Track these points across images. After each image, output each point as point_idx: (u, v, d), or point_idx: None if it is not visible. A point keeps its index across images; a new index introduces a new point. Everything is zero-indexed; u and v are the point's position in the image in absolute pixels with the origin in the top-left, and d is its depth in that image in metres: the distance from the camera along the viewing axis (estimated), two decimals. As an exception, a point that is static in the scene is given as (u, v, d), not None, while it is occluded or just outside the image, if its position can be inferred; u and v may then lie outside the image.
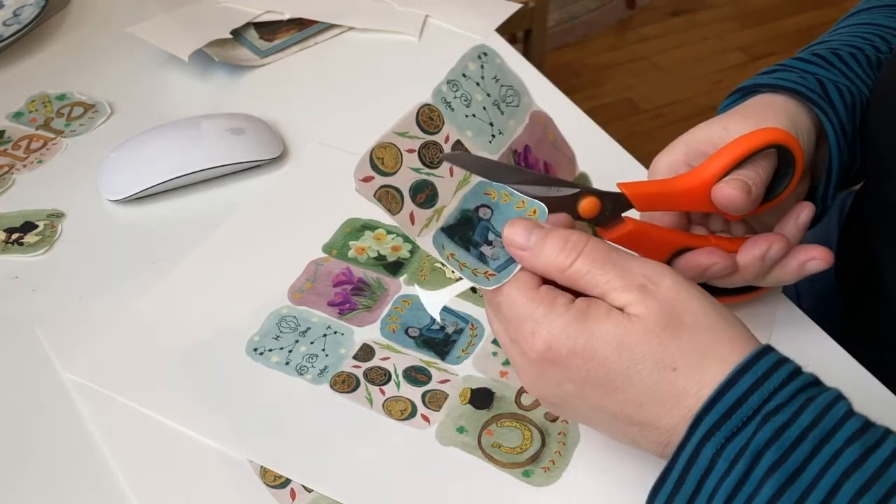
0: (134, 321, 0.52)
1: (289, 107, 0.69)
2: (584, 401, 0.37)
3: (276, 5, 0.80)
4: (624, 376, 0.35)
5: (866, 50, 0.51)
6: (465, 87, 0.42)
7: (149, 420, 0.46)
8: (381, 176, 0.39)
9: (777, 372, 0.34)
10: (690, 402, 0.34)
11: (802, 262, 0.46)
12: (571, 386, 0.36)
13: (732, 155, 0.43)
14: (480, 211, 0.40)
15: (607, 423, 0.38)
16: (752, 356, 0.34)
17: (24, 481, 0.44)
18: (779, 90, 0.47)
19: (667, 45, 2.19)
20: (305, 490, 0.43)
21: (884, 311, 0.54)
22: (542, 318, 0.36)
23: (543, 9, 1.36)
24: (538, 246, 0.37)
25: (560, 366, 0.36)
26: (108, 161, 0.61)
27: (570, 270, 0.36)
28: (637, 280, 0.36)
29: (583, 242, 0.37)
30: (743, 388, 0.33)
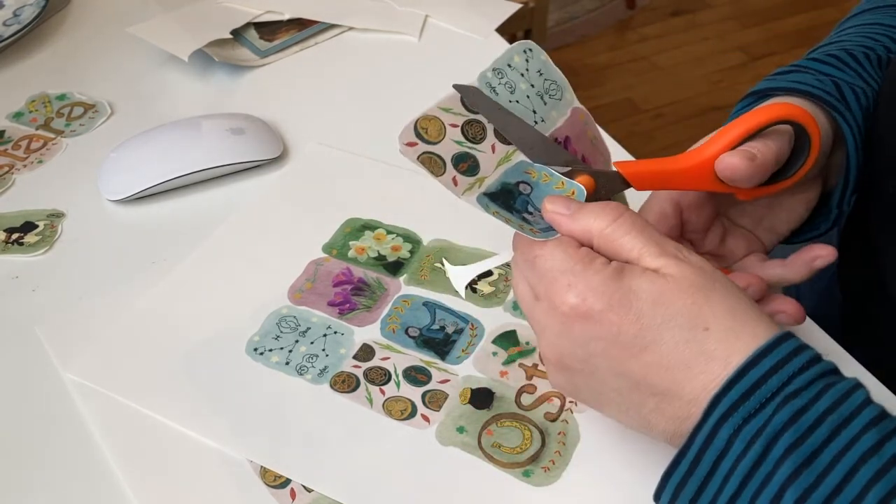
0: (134, 321, 0.52)
1: (289, 107, 0.69)
2: (609, 362, 0.36)
3: (276, 5, 0.80)
4: (655, 333, 0.35)
5: (878, 50, 0.51)
6: (509, 76, 0.43)
7: (149, 420, 0.46)
8: (425, 143, 0.40)
9: (797, 357, 0.34)
10: (717, 368, 0.34)
11: (808, 261, 0.46)
12: (599, 344, 0.36)
13: (739, 130, 0.41)
14: (520, 186, 0.41)
15: (625, 395, 0.37)
16: (774, 339, 0.34)
17: (24, 481, 0.44)
18: (794, 94, 0.46)
19: (667, 45, 2.19)
20: (305, 490, 0.43)
21: (884, 310, 0.54)
22: (581, 272, 0.36)
23: (543, 9, 1.36)
24: (577, 211, 0.38)
25: (592, 321, 0.36)
26: (108, 161, 0.61)
27: (607, 231, 0.37)
28: (670, 249, 0.37)
29: (620, 210, 0.37)
30: (763, 369, 0.33)
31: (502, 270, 0.54)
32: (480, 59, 0.79)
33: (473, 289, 0.53)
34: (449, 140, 0.41)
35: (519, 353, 0.49)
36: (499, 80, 0.43)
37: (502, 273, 0.54)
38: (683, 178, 0.43)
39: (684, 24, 2.26)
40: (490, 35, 0.78)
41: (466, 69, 0.74)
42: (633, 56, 2.15)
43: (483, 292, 0.53)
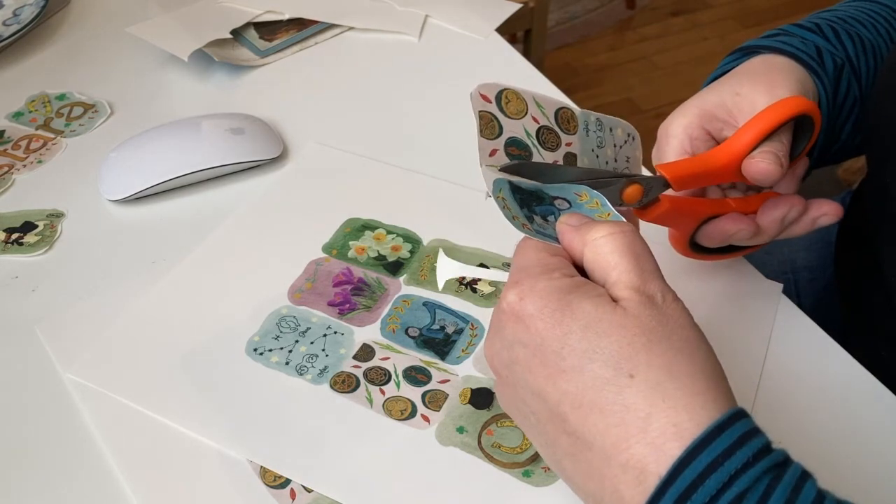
0: (134, 321, 0.52)
1: (289, 107, 0.69)
2: (527, 375, 0.33)
3: (276, 5, 0.80)
4: (577, 360, 0.31)
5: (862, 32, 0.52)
6: (605, 135, 0.42)
7: (149, 420, 0.46)
8: (497, 108, 0.39)
9: (742, 448, 0.29)
10: (633, 424, 0.30)
11: (815, 218, 0.48)
12: (522, 352, 0.33)
13: (763, 127, 0.44)
14: (557, 202, 0.39)
15: (542, 422, 0.33)
16: (716, 425, 0.29)
17: (24, 481, 0.44)
18: (780, 53, 0.49)
19: (667, 45, 2.19)
20: (305, 490, 0.43)
21: (884, 306, 0.54)
22: (535, 275, 0.34)
23: (543, 9, 1.36)
24: (583, 225, 0.35)
25: (521, 324, 0.33)
26: (108, 161, 0.61)
27: (599, 241, 0.34)
28: (651, 286, 0.33)
29: (621, 227, 0.35)
30: (700, 466, 0.28)
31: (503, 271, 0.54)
32: (480, 59, 0.79)
33: (473, 289, 0.53)
34: (520, 125, 0.40)
35: (519, 353, 0.49)
36: (597, 130, 0.42)
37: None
38: (715, 175, 0.46)
39: (684, 24, 2.26)
40: (490, 35, 0.78)
41: (466, 69, 0.74)
42: (633, 56, 2.15)
43: (483, 292, 0.53)
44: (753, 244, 0.49)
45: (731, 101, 0.46)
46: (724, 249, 0.50)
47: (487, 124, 0.39)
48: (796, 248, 0.71)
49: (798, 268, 0.70)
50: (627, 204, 0.42)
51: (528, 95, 0.40)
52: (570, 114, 0.41)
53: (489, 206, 0.57)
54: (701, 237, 0.48)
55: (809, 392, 0.48)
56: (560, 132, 0.41)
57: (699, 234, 0.48)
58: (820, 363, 0.49)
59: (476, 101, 0.39)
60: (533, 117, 0.41)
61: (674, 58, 2.14)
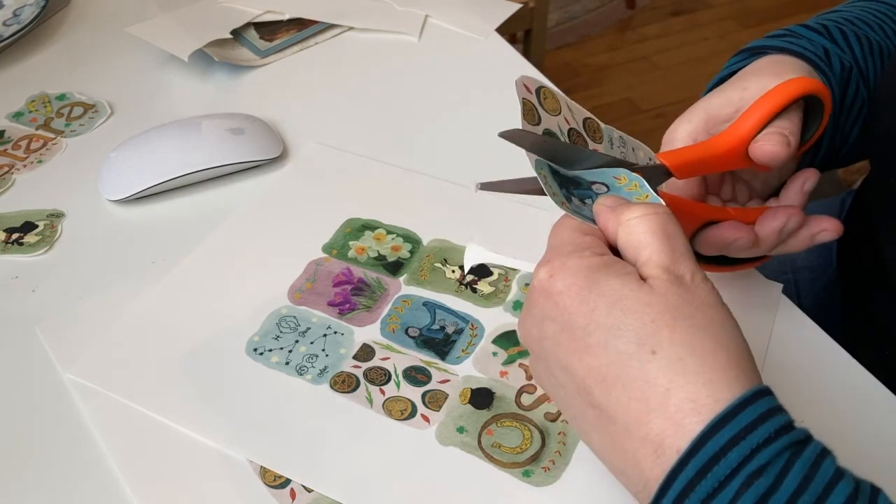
0: (134, 321, 0.52)
1: (289, 107, 0.69)
2: (556, 349, 0.34)
3: (276, 5, 0.80)
4: (603, 336, 0.32)
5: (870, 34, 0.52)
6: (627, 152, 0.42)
7: (149, 420, 0.46)
8: (535, 101, 0.39)
9: (764, 424, 0.29)
10: (653, 398, 0.31)
11: (814, 234, 0.47)
12: (551, 327, 0.34)
13: (767, 108, 0.42)
14: (594, 186, 0.39)
15: (570, 395, 0.34)
16: (740, 401, 0.30)
17: (24, 481, 0.44)
18: (788, 53, 0.48)
19: (667, 45, 2.19)
20: (305, 490, 0.43)
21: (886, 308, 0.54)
22: (565, 252, 0.35)
23: (543, 9, 1.36)
24: (619, 206, 0.36)
25: (550, 300, 0.34)
26: (108, 161, 0.61)
27: (633, 220, 0.35)
28: (681, 267, 0.34)
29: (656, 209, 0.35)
30: (723, 439, 0.29)
31: (502, 271, 0.54)
32: (480, 59, 0.79)
33: (473, 289, 0.53)
34: (555, 121, 0.40)
35: (519, 353, 0.49)
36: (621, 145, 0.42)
37: (502, 273, 0.54)
38: (720, 161, 0.44)
39: (684, 24, 2.26)
40: (490, 35, 0.78)
41: (466, 69, 0.74)
42: (633, 56, 2.15)
43: (483, 292, 0.53)
44: (750, 256, 0.48)
45: (738, 97, 0.46)
46: (719, 261, 0.49)
47: (529, 111, 0.40)
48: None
49: (798, 268, 0.70)
50: None
51: (562, 98, 0.40)
52: (597, 125, 0.41)
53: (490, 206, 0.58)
54: (698, 243, 0.47)
55: (809, 392, 0.47)
56: (587, 138, 0.41)
57: (697, 240, 0.47)
58: (820, 363, 0.49)
59: (520, 88, 0.39)
60: (565, 118, 0.41)
61: (674, 58, 2.14)
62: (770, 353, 0.49)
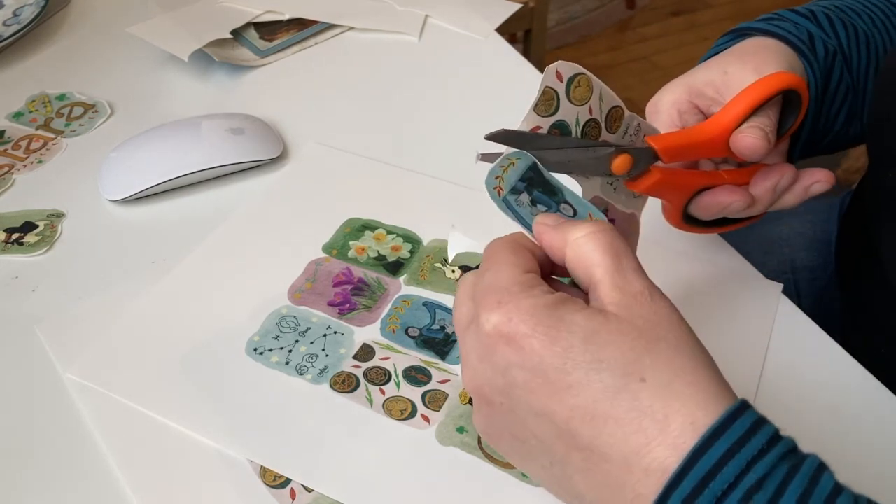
0: (134, 321, 0.52)
1: (289, 107, 0.69)
2: (529, 396, 0.32)
3: (276, 5, 0.80)
4: (583, 373, 0.30)
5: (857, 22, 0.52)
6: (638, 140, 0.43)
7: (149, 420, 0.46)
8: (564, 90, 0.39)
9: (755, 436, 0.29)
10: (652, 428, 0.29)
11: (807, 187, 0.47)
12: (521, 374, 0.32)
13: (749, 101, 0.44)
14: (563, 206, 0.39)
15: (548, 444, 0.32)
16: (728, 414, 0.29)
17: (24, 481, 0.44)
18: (773, 35, 0.50)
19: (667, 45, 2.19)
20: (305, 490, 0.43)
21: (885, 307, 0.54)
22: (516, 293, 0.32)
23: (543, 9, 1.36)
24: (561, 224, 0.35)
25: (515, 345, 0.31)
26: (108, 161, 0.61)
27: (580, 239, 0.34)
28: (636, 285, 0.33)
29: (601, 226, 0.34)
30: (717, 454, 0.28)
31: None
32: (480, 59, 0.79)
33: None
34: (576, 112, 0.39)
35: (519, 353, 0.49)
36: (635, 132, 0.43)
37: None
38: (704, 148, 0.46)
39: (684, 24, 2.26)
40: (490, 35, 0.78)
41: (466, 69, 0.74)
42: (633, 56, 2.15)
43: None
44: (748, 216, 0.49)
45: (720, 80, 0.47)
46: (718, 222, 0.50)
47: (548, 101, 0.39)
48: (796, 248, 0.71)
49: (798, 268, 0.70)
50: (617, 174, 0.42)
51: (598, 86, 0.40)
52: (620, 113, 0.42)
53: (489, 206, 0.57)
54: (695, 209, 0.48)
55: (809, 392, 0.47)
56: (604, 128, 0.41)
57: (693, 206, 0.48)
58: (820, 363, 0.49)
59: (550, 76, 0.39)
60: (590, 108, 0.41)
61: (674, 58, 2.14)
62: (770, 353, 0.49)
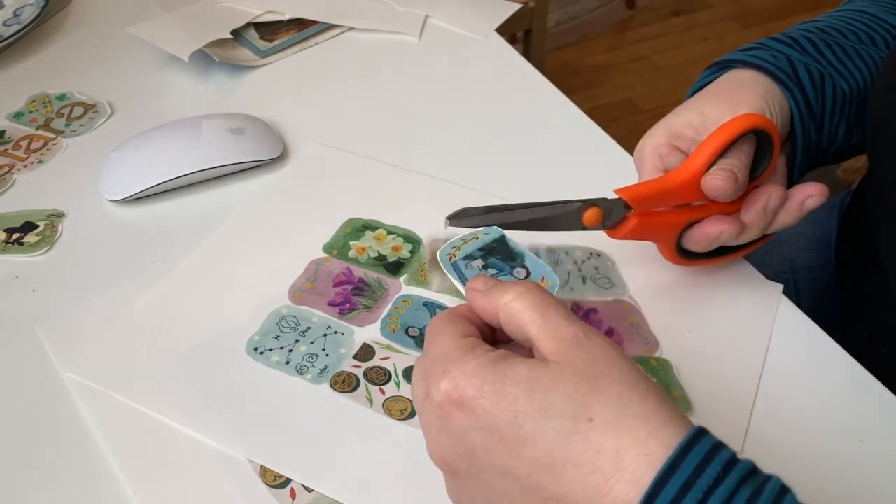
0: (134, 321, 0.52)
1: (289, 107, 0.69)
2: (490, 457, 0.32)
3: (276, 5, 0.80)
4: (535, 423, 0.31)
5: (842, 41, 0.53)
6: (560, 257, 0.44)
7: (149, 420, 0.46)
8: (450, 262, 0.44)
9: (712, 463, 0.29)
10: (609, 467, 0.30)
11: (801, 202, 0.48)
12: (477, 436, 0.32)
13: (716, 145, 0.46)
14: (517, 270, 0.41)
15: (517, 499, 0.32)
16: (683, 445, 0.29)
17: (24, 481, 0.44)
18: (751, 66, 0.50)
19: (667, 45, 2.19)
20: (305, 490, 0.43)
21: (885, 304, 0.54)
22: (459, 358, 0.34)
23: (543, 9, 1.36)
24: (491, 289, 0.36)
25: (466, 408, 0.32)
26: (108, 161, 0.61)
27: (512, 304, 0.35)
28: (570, 330, 0.34)
29: (528, 286, 0.36)
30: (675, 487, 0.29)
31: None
32: (480, 59, 0.79)
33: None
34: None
35: (519, 353, 0.49)
36: (547, 254, 0.45)
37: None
38: (675, 194, 0.47)
39: (684, 24, 2.26)
40: (490, 35, 0.78)
41: (466, 69, 0.74)
42: (633, 56, 2.15)
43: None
44: (745, 241, 0.49)
45: (698, 121, 0.49)
46: (719, 252, 0.50)
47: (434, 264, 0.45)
48: (796, 248, 0.71)
49: (798, 268, 0.70)
50: (589, 227, 0.44)
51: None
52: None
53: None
54: (687, 243, 0.49)
55: (809, 392, 0.48)
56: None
57: (685, 241, 0.49)
58: (820, 363, 0.49)
59: (444, 260, 0.44)
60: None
61: (674, 58, 2.14)
62: (770, 353, 0.49)
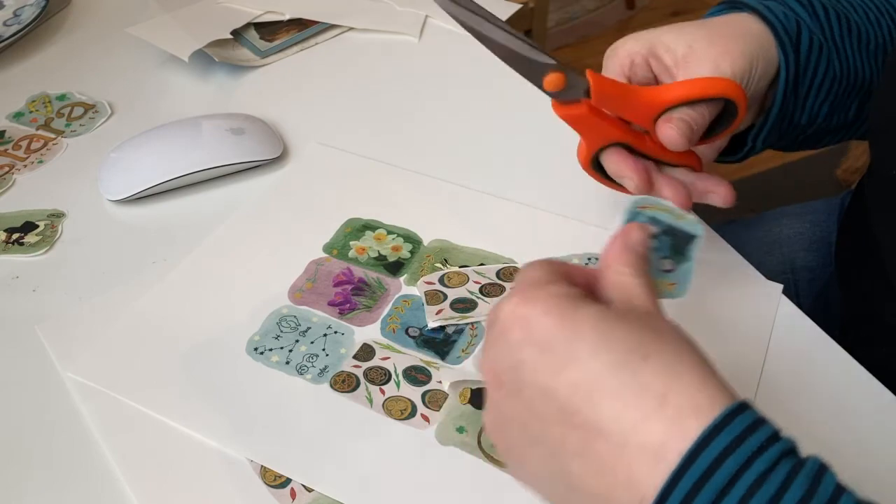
0: (134, 321, 0.52)
1: (289, 107, 0.69)
2: (535, 375, 0.32)
3: (276, 5, 0.80)
4: (588, 349, 0.31)
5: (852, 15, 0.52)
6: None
7: (149, 420, 0.46)
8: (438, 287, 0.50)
9: (755, 433, 0.29)
10: (649, 404, 0.30)
11: (702, 192, 0.49)
12: (529, 350, 0.32)
13: (686, 93, 0.45)
14: (667, 260, 0.42)
15: (549, 427, 0.32)
16: (730, 411, 0.29)
17: (24, 481, 0.44)
18: (758, 15, 0.49)
19: (667, 45, 2.18)
20: (305, 490, 0.43)
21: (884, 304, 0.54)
22: (535, 283, 0.34)
23: (543, 9, 1.36)
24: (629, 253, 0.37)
25: (527, 324, 0.33)
26: (108, 161, 0.61)
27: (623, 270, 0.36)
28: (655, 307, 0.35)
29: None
30: (718, 447, 0.28)
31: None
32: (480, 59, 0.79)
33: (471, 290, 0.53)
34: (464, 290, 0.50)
35: (519, 353, 0.49)
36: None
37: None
38: (632, 110, 0.46)
39: (684, 24, 2.26)
40: (490, 35, 0.78)
41: (466, 69, 0.74)
42: (633, 56, 2.14)
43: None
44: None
45: (681, 52, 0.47)
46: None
47: (433, 297, 0.50)
48: (796, 248, 0.71)
49: (798, 268, 0.70)
50: (547, 91, 0.44)
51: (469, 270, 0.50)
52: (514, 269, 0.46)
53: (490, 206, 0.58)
54: (604, 158, 0.49)
55: (809, 392, 0.48)
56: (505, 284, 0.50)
57: (602, 156, 0.48)
58: (820, 363, 0.49)
59: (420, 286, 0.51)
60: (475, 281, 0.50)
61: (674, 58, 2.13)
62: (770, 353, 0.49)
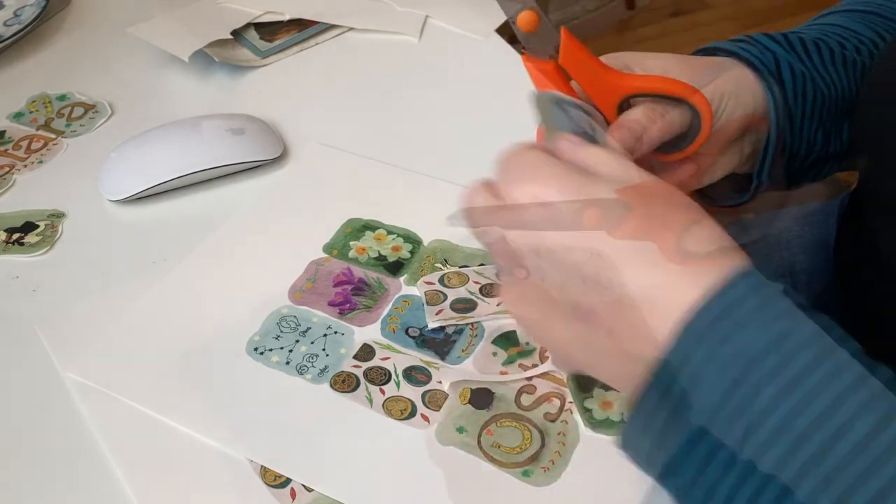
0: (134, 321, 0.52)
1: (289, 107, 0.69)
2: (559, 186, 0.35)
3: (276, 6, 0.80)
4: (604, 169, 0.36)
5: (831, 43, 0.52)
6: None
7: (149, 420, 0.46)
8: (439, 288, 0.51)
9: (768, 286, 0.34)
10: (669, 236, 0.33)
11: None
12: (549, 170, 0.36)
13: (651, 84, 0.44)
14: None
15: (568, 282, 0.35)
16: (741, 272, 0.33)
17: (24, 481, 0.44)
18: (736, 57, 0.49)
19: (666, 45, 2.18)
20: (305, 490, 0.43)
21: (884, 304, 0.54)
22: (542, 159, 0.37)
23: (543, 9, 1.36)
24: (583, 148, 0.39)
25: (548, 181, 0.35)
26: (108, 161, 0.61)
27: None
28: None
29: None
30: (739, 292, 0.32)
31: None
32: (480, 59, 0.79)
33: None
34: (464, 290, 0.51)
35: (519, 354, 0.49)
36: None
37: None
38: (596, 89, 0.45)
39: (684, 24, 2.26)
40: (490, 35, 0.78)
41: (466, 69, 0.74)
42: (632, 56, 2.14)
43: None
44: None
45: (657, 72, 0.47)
46: None
47: (433, 297, 0.50)
48: (795, 251, 0.71)
49: (797, 271, 0.70)
50: (519, 27, 0.44)
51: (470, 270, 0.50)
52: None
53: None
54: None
55: (809, 392, 0.47)
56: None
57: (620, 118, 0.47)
58: (819, 363, 0.49)
59: (420, 286, 0.52)
60: (475, 282, 0.51)
61: (673, 58, 2.13)
62: (770, 353, 0.49)
